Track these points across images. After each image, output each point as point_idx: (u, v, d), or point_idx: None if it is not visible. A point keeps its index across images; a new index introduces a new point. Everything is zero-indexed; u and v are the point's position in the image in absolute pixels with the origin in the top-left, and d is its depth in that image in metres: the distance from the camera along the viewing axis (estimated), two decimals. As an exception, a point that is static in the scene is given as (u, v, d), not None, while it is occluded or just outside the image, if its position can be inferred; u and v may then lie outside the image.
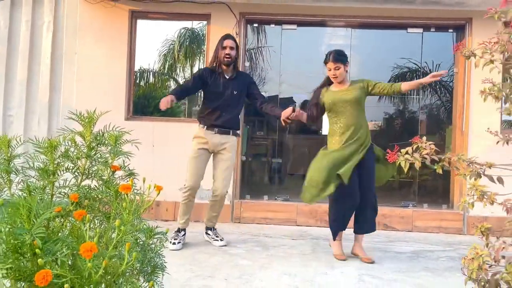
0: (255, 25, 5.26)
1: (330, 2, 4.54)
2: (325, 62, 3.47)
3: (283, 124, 3.54)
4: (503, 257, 1.39)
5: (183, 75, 5.97)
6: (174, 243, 3.55)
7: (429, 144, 1.43)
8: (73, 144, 1.36)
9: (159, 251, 1.63)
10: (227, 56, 3.66)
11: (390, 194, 5.08)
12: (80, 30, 4.84)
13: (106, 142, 1.43)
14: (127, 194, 1.23)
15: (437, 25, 4.83)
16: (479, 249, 1.29)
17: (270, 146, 6.67)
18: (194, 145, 3.70)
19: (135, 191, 1.47)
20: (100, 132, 1.40)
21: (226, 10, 4.73)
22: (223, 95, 3.67)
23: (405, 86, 3.39)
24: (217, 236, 3.79)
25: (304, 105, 6.87)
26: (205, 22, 4.99)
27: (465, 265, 1.32)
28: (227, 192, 3.75)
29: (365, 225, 3.44)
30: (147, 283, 1.49)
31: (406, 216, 4.67)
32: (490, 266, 1.31)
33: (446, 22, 4.75)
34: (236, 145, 3.80)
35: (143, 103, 5.45)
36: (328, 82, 3.55)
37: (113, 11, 4.81)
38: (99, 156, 1.42)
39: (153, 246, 1.61)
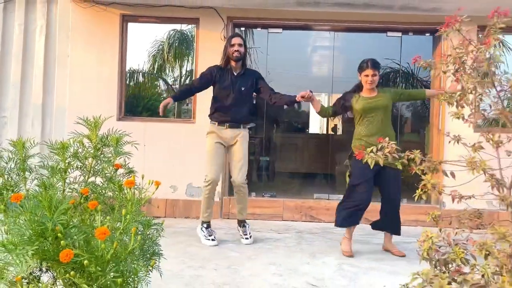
0: (242, 28, 5.47)
1: (314, 7, 4.76)
2: (362, 69, 3.60)
3: (298, 100, 3.73)
4: (454, 240, 1.63)
5: (172, 75, 6.15)
6: (213, 240, 3.75)
7: (391, 144, 1.66)
8: (81, 146, 1.55)
9: (155, 240, 1.84)
10: (237, 53, 3.83)
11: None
12: (72, 33, 4.98)
13: (109, 143, 1.63)
14: (130, 188, 1.43)
15: (415, 30, 5.08)
16: (429, 232, 1.53)
17: (258, 144, 6.89)
18: (209, 140, 3.89)
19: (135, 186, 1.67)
20: (105, 135, 1.60)
21: (214, 14, 4.92)
22: (231, 91, 3.86)
23: (428, 93, 3.74)
24: (245, 234, 3.89)
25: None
26: (193, 25, 5.17)
27: (419, 247, 1.55)
28: (246, 181, 3.88)
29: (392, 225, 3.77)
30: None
31: (386, 210, 4.90)
32: (440, 247, 1.54)
33: (423, 27, 5.01)
34: (247, 137, 3.97)
35: (134, 103, 5.62)
36: (358, 89, 3.69)
37: (105, 15, 4.96)
38: (103, 156, 1.61)
39: (150, 236, 1.82)
